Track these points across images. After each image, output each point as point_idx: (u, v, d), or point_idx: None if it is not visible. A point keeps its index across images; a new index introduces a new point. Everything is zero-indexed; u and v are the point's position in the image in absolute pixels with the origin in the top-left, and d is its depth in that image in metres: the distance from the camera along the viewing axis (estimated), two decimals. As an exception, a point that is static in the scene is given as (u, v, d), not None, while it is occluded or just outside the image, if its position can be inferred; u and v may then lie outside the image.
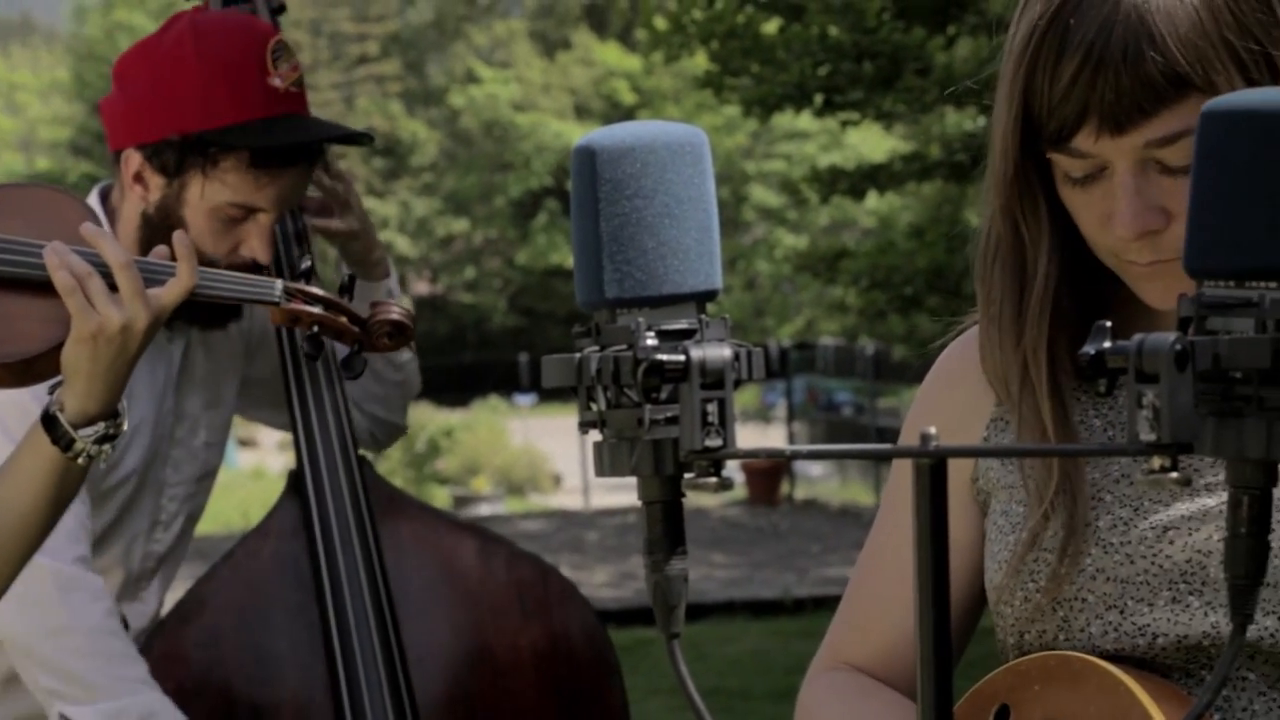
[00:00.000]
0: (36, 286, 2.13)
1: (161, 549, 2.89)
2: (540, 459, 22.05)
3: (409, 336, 2.55)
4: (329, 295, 2.44)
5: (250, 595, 2.85)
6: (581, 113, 39.15)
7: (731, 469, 1.14)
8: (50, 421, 2.08)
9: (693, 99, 30.44)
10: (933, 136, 13.75)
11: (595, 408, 1.18)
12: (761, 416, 25.65)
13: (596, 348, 1.18)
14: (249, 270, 2.67)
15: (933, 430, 1.11)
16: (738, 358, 1.15)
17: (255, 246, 2.69)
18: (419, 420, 19.16)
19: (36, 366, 2.13)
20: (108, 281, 2.10)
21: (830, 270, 11.36)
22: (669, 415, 1.15)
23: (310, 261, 2.55)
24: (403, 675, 2.81)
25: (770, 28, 10.51)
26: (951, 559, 1.13)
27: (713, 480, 1.14)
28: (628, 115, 32.51)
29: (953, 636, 1.18)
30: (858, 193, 11.33)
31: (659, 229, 1.19)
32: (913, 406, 1.85)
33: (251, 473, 22.87)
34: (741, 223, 34.53)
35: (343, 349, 2.59)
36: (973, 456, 1.77)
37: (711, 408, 1.12)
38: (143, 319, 2.10)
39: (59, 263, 2.10)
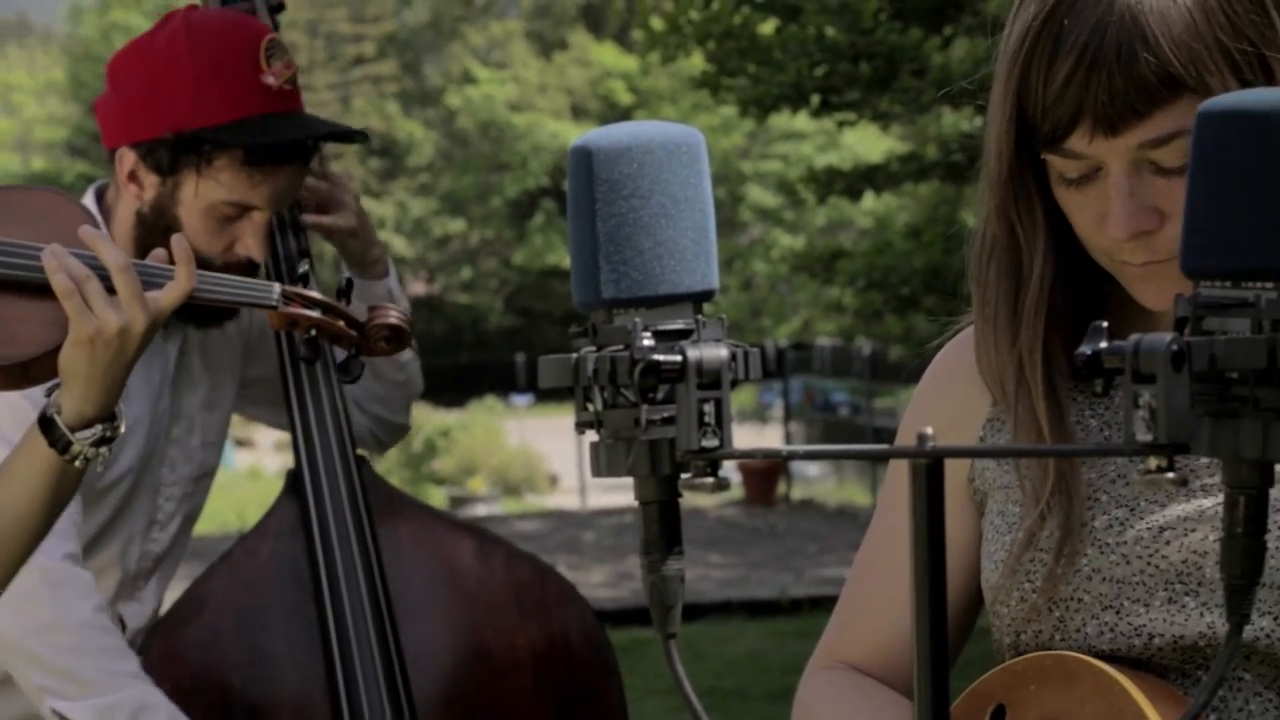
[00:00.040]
0: (34, 289, 2.12)
1: (158, 549, 2.88)
2: (537, 459, 22.05)
3: (406, 341, 2.55)
4: (326, 299, 2.43)
5: (249, 595, 2.85)
6: (578, 113, 39.11)
7: (728, 469, 1.14)
8: (47, 424, 2.08)
9: (689, 99, 30.40)
10: (929, 137, 13.73)
11: (592, 408, 1.18)
12: (758, 417, 25.63)
13: (593, 348, 1.18)
14: (244, 269, 2.67)
15: (929, 430, 1.11)
16: (734, 358, 1.15)
17: (250, 245, 2.68)
18: (415, 420, 19.12)
19: (34, 369, 2.13)
20: (106, 285, 2.10)
21: (827, 271, 11.36)
22: (666, 415, 1.15)
23: (308, 266, 2.55)
24: (400, 675, 2.81)
25: (767, 28, 10.50)
26: (948, 559, 1.13)
27: (709, 480, 1.14)
28: (624, 115, 32.45)
29: (949, 636, 1.18)
30: (854, 193, 11.32)
31: (655, 229, 1.19)
32: (909, 407, 1.86)
33: (248, 473, 22.86)
34: (738, 223, 34.50)
35: (341, 352, 2.59)
36: (969, 457, 1.77)
37: (708, 408, 1.12)
38: (141, 322, 2.10)
39: (57, 265, 2.10)
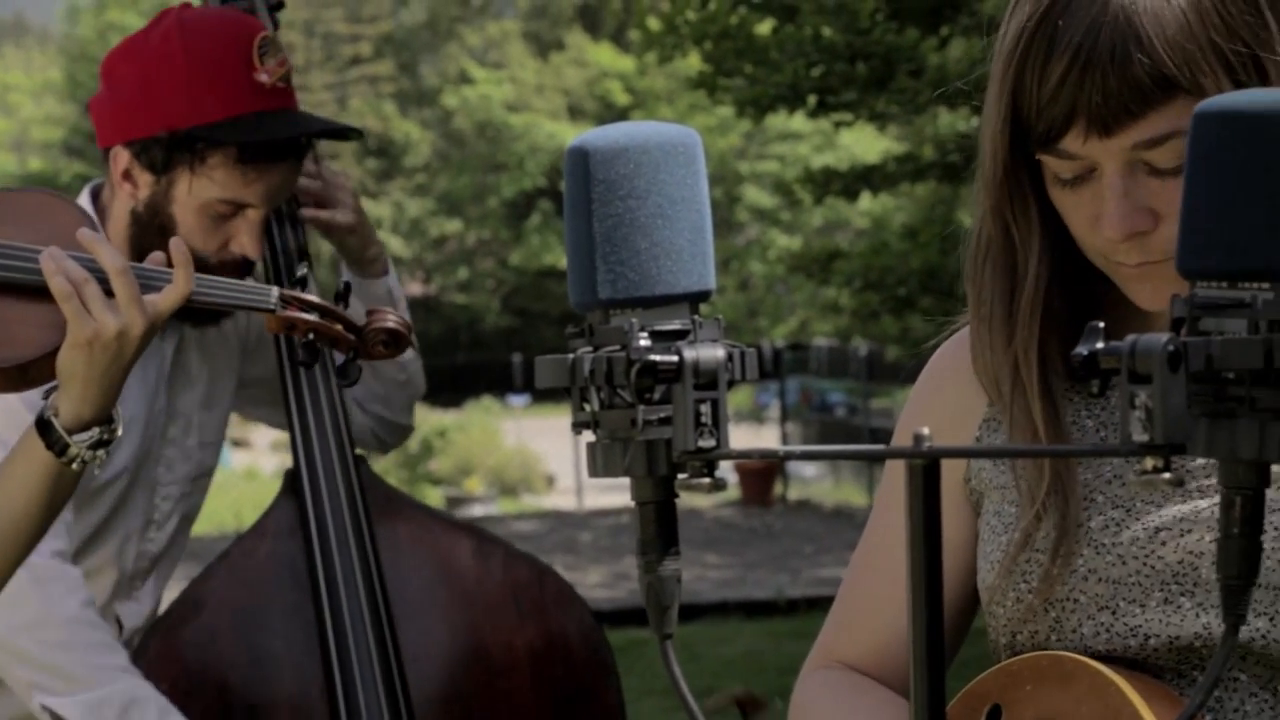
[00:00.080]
0: (32, 291, 2.12)
1: (155, 549, 2.88)
2: (533, 460, 22.04)
3: (404, 345, 2.55)
4: (324, 303, 2.43)
5: (246, 595, 2.85)
6: (575, 113, 39.11)
7: (725, 470, 1.14)
8: (45, 426, 2.08)
9: (686, 100, 30.40)
10: (926, 137, 13.74)
11: (589, 408, 1.18)
12: (755, 417, 25.65)
13: (590, 348, 1.18)
14: (240, 267, 2.68)
15: (925, 431, 1.11)
16: (731, 358, 1.16)
17: (245, 243, 2.69)
18: (412, 421, 19.12)
19: (31, 372, 2.13)
20: (104, 287, 2.10)
21: (824, 271, 11.36)
22: (662, 416, 1.15)
23: (307, 269, 2.54)
24: (398, 675, 2.81)
25: (763, 28, 10.50)
26: (945, 559, 1.13)
27: (706, 481, 1.14)
28: (621, 116, 32.45)
29: (946, 637, 1.18)
30: (851, 194, 11.32)
31: (652, 230, 1.19)
32: (906, 407, 1.86)
33: (245, 473, 22.85)
34: (735, 223, 34.50)
35: (339, 355, 2.59)
36: (965, 457, 1.77)
37: (705, 408, 1.13)
38: (139, 325, 2.09)
39: (55, 268, 2.10)
